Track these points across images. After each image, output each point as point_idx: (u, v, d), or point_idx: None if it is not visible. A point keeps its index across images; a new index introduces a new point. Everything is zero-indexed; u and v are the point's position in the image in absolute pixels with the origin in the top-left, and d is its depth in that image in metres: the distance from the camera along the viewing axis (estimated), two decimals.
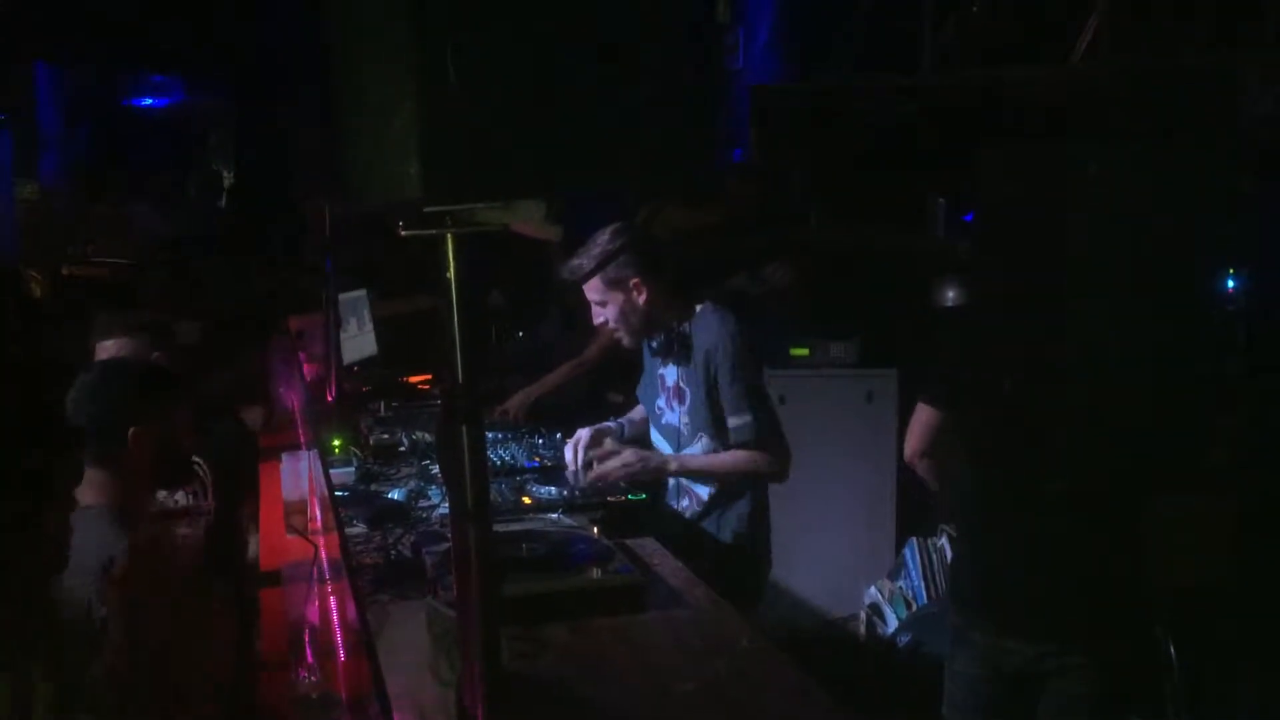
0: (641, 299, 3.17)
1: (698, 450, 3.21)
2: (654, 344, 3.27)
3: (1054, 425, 1.89)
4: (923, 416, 3.02)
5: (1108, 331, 1.76)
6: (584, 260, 3.17)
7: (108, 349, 3.65)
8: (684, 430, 3.24)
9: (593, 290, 3.20)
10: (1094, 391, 1.78)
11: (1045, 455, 1.94)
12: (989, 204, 1.90)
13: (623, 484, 3.17)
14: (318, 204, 4.35)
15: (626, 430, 3.51)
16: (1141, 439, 1.80)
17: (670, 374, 3.27)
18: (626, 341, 3.27)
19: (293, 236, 7.37)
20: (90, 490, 2.57)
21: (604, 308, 3.21)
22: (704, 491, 3.23)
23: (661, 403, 3.34)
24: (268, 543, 3.32)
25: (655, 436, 3.39)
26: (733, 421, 3.10)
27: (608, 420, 3.52)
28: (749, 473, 3.16)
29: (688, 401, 3.21)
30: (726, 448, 3.16)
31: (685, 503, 3.27)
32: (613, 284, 3.17)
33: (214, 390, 4.53)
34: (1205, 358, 1.80)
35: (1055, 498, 2.46)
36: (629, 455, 3.17)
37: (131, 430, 2.63)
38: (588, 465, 3.25)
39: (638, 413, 3.61)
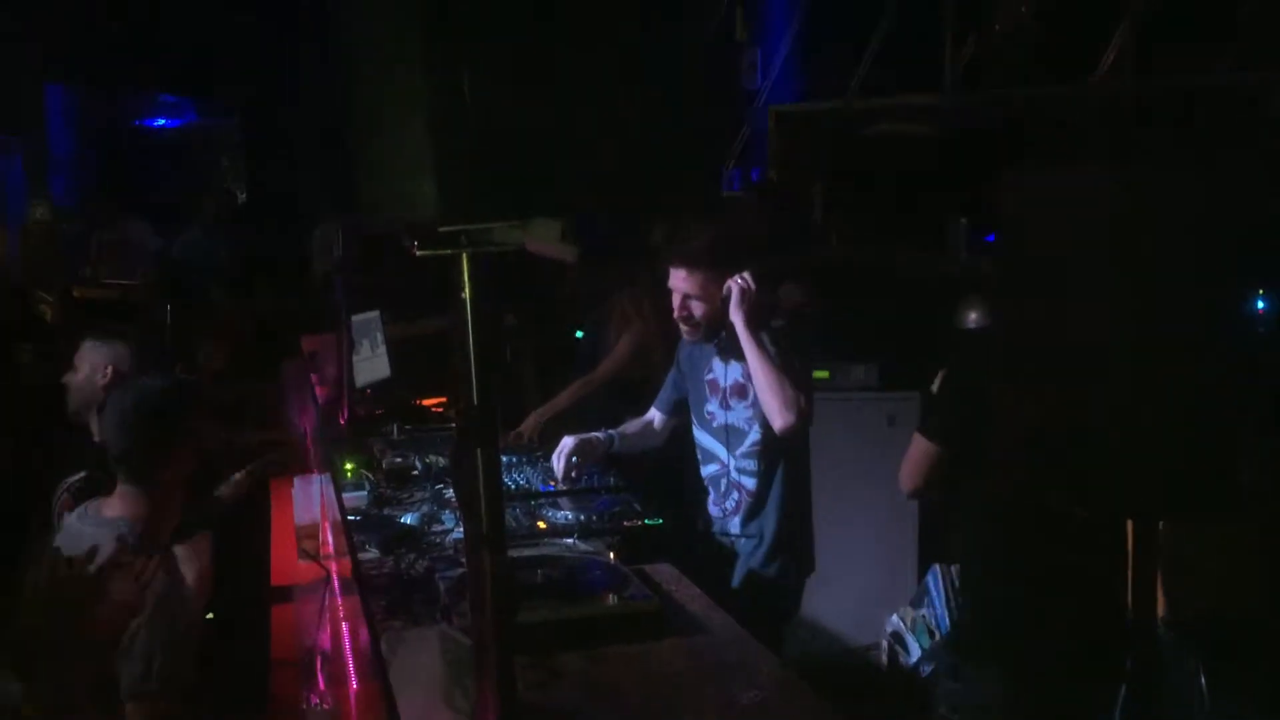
0: (715, 303, 3.21)
1: (754, 440, 3.25)
2: (720, 338, 3.29)
3: (1079, 452, 1.87)
4: (919, 451, 2.94)
5: (1135, 355, 1.75)
6: (694, 250, 3.19)
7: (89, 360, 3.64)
8: (744, 426, 3.27)
9: (692, 282, 3.21)
10: (1120, 415, 1.77)
11: (1069, 482, 1.93)
12: (1011, 228, 1.89)
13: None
14: (331, 225, 4.38)
15: (617, 442, 3.53)
16: (1169, 462, 1.79)
17: (732, 372, 3.29)
18: (695, 336, 3.30)
19: (305, 258, 7.41)
20: (120, 504, 2.74)
21: (695, 300, 3.22)
22: (751, 483, 3.27)
23: (714, 406, 3.36)
24: (279, 566, 3.33)
25: (705, 440, 3.41)
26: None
27: (598, 431, 3.54)
28: (776, 385, 3.13)
29: (750, 395, 3.23)
30: (778, 444, 3.20)
31: (734, 499, 3.30)
32: (719, 276, 3.19)
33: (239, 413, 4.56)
34: (1236, 381, 1.78)
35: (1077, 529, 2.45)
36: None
37: (172, 450, 2.77)
38: (568, 476, 3.36)
39: (632, 425, 3.62)
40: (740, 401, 3.30)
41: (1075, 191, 1.85)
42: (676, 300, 3.28)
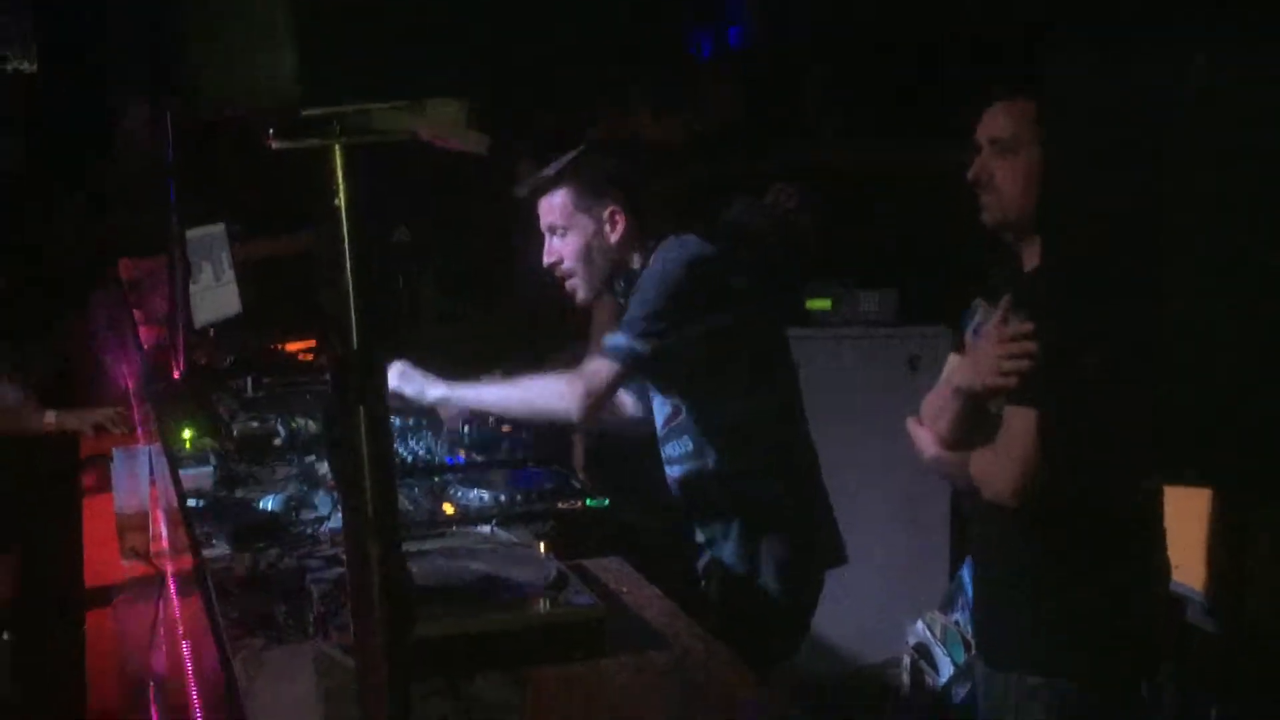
0: (615, 234, 3.21)
1: (674, 453, 3.26)
2: (620, 294, 3.29)
3: (1145, 409, 1.93)
4: (1024, 431, 2.69)
5: (1220, 286, 1.79)
6: (551, 170, 3.19)
7: None
8: (650, 395, 3.32)
9: (555, 212, 3.23)
10: (1201, 367, 1.81)
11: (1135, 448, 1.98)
12: (1061, 112, 1.92)
13: None
14: (153, 108, 4.33)
15: None
16: (1259, 428, 1.84)
17: None
18: (581, 292, 3.29)
19: (118, 152, 7.32)
20: None
21: (562, 238, 3.24)
22: (679, 471, 3.28)
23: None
24: (95, 570, 3.34)
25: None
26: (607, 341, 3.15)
27: None
28: (553, 406, 3.19)
29: None
30: (720, 449, 3.21)
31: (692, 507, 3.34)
32: (583, 207, 3.21)
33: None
34: None
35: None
36: None
37: None
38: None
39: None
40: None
41: (1138, 64, 1.88)
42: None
